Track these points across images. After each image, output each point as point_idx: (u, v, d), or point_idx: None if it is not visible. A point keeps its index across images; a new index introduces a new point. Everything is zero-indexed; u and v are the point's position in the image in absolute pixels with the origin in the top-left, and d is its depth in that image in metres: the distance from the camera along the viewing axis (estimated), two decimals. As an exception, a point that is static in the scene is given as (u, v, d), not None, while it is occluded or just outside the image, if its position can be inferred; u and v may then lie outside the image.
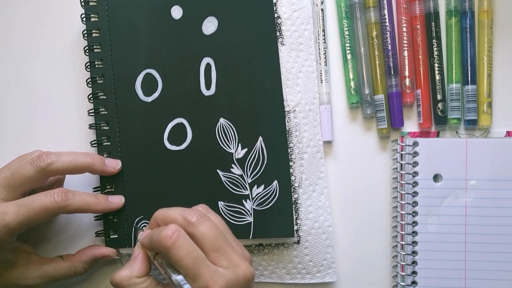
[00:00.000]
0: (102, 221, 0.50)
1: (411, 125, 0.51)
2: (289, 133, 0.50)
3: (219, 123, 0.50)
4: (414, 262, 0.49)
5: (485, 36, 0.50)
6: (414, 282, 0.49)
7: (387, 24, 0.50)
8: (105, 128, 0.50)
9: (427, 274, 0.49)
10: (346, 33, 0.51)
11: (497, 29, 0.51)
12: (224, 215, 0.49)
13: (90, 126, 0.50)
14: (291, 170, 0.50)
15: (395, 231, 0.50)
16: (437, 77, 0.50)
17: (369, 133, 0.51)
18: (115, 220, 0.50)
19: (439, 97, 0.50)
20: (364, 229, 0.51)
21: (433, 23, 0.50)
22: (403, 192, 0.49)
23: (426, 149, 0.49)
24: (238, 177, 0.49)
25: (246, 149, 0.49)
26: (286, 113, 0.50)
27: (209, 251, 0.41)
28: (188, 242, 0.40)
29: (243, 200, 0.49)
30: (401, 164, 0.50)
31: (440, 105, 0.50)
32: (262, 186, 0.49)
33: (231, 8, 0.50)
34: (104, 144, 0.50)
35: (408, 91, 0.50)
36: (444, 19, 0.51)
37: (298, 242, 0.50)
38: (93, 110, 0.50)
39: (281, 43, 0.50)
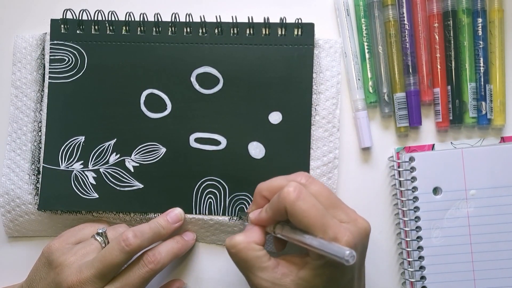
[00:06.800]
0: None
1: (428, 124, 0.51)
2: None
3: None
4: (422, 277, 0.49)
5: (496, 36, 0.50)
6: (425, 298, 0.49)
7: (406, 22, 0.50)
8: None
9: (437, 288, 0.49)
10: (364, 32, 0.50)
11: (509, 28, 0.51)
12: None
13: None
14: None
15: (400, 248, 0.50)
16: (455, 75, 0.50)
17: (387, 131, 0.51)
18: None
19: (457, 95, 0.50)
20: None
21: (450, 22, 0.50)
22: (405, 209, 0.49)
23: (423, 163, 0.49)
24: None
25: None
26: None
27: (327, 207, 0.40)
28: (311, 196, 0.39)
29: None
30: (400, 181, 0.49)
31: (457, 103, 0.49)
32: None
33: None
34: None
35: (426, 90, 0.50)
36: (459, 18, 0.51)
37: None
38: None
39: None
